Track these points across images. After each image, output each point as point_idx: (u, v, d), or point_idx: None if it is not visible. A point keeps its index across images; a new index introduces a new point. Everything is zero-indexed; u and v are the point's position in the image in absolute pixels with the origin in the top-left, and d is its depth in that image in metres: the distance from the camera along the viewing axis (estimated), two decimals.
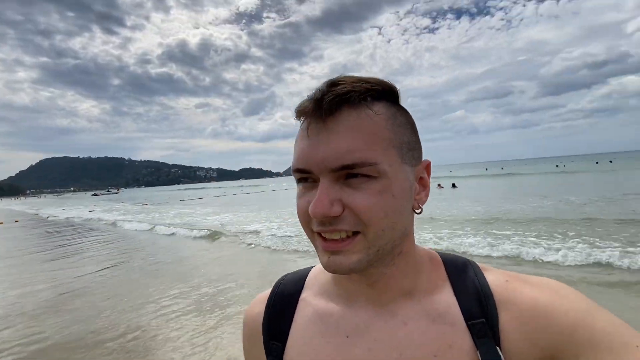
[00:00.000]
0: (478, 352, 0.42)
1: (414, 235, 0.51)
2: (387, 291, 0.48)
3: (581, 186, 19.81)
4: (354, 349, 0.47)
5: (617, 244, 6.56)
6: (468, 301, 0.46)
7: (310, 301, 0.53)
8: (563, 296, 0.42)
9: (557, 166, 56.16)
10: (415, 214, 0.48)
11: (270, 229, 11.69)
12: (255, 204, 25.12)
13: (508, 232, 8.27)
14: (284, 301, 0.55)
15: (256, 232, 11.21)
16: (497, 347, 0.42)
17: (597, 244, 6.70)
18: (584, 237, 7.25)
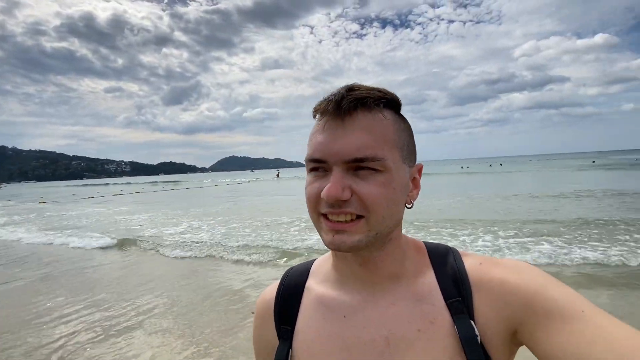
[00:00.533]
0: (455, 326, 0.49)
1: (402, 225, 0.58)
2: (377, 273, 0.55)
3: (481, 185, 23.02)
4: (351, 327, 0.54)
5: (512, 232, 7.80)
6: (447, 283, 0.53)
7: (314, 288, 0.61)
8: (526, 274, 0.49)
9: (462, 167, 64.16)
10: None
11: (199, 230, 10.95)
12: (180, 202, 23.21)
13: (428, 224, 9.15)
14: (291, 291, 0.62)
15: (178, 236, 10.25)
16: (472, 321, 0.49)
17: (500, 234, 7.84)
18: (488, 228, 8.42)
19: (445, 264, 0.55)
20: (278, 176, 57.00)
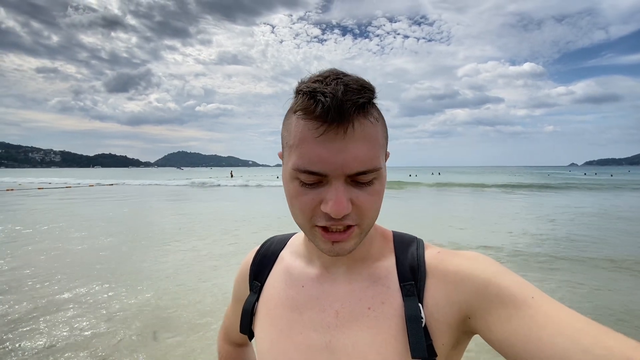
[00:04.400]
0: (404, 307, 0.52)
1: None
2: (346, 256, 0.56)
3: (422, 195, 24.38)
4: (306, 296, 0.60)
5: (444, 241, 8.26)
6: (404, 268, 0.56)
7: (285, 258, 0.67)
8: (480, 262, 0.51)
9: (410, 175, 67.63)
10: None
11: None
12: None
13: None
14: (267, 256, 0.70)
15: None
16: (420, 304, 0.52)
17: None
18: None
19: (406, 252, 0.58)
20: (232, 176, 51.77)
